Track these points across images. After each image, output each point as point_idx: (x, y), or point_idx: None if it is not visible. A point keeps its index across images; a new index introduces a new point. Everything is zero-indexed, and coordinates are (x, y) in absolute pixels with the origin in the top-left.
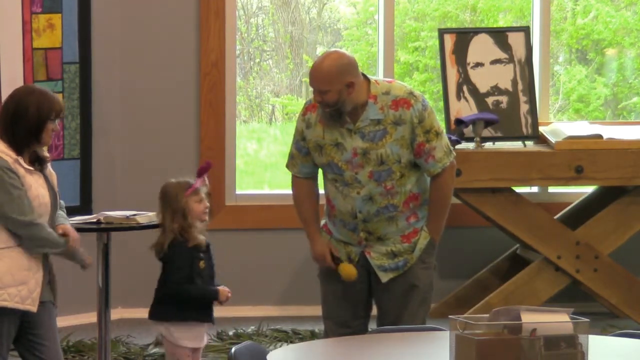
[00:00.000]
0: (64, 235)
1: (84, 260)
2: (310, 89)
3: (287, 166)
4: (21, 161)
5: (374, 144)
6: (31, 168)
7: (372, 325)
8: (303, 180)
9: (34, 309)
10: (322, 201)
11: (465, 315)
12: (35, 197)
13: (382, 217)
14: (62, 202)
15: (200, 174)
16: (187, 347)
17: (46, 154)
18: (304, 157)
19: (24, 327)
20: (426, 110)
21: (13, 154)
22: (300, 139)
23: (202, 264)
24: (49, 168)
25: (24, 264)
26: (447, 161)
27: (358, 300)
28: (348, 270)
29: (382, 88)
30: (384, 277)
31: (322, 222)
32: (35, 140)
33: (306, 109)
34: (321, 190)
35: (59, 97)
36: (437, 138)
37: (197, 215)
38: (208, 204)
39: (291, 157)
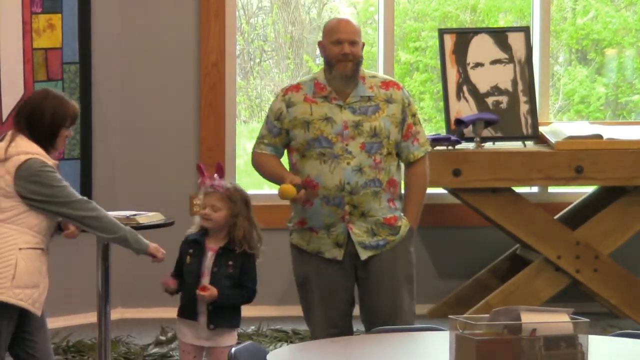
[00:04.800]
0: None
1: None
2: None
3: (254, 147)
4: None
5: (367, 116)
6: None
7: (358, 326)
8: (267, 152)
9: (39, 313)
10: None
11: (465, 315)
12: None
13: (369, 190)
14: None
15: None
16: (187, 343)
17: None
18: (273, 137)
19: (17, 325)
20: (411, 97)
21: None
22: (274, 119)
23: (188, 258)
24: None
25: (37, 267)
26: (427, 147)
27: (343, 298)
28: (286, 188)
29: (369, 73)
30: (363, 254)
31: (291, 237)
32: (49, 146)
33: (287, 89)
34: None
35: (74, 102)
36: (420, 124)
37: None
38: (206, 211)
39: (260, 137)
